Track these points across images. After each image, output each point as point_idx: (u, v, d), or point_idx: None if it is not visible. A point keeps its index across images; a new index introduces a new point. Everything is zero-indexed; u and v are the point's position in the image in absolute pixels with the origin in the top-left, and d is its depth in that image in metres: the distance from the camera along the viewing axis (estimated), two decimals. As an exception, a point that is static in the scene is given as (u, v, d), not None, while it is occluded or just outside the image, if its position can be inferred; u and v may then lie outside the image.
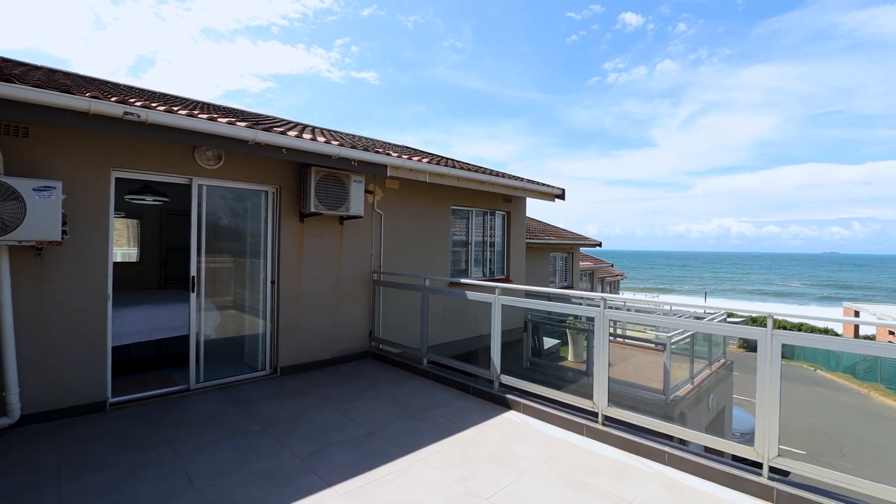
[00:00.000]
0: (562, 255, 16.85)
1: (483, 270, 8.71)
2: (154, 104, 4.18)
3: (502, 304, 4.78)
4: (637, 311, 11.33)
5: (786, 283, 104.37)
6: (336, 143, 5.46)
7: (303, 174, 5.60)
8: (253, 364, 5.58)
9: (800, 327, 28.76)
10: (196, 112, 4.54)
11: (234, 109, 8.00)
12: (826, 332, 29.75)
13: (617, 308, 9.30)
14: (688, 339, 7.36)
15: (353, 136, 9.22)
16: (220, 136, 4.39)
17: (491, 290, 4.88)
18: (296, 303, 5.70)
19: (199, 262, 5.03)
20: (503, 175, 8.13)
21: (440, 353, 6.52)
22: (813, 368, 24.65)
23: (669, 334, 6.79)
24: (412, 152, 8.35)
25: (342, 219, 6.14)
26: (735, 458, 3.48)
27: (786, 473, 3.25)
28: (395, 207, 6.93)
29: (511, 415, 4.43)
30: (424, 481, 3.19)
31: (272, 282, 5.60)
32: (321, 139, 5.33)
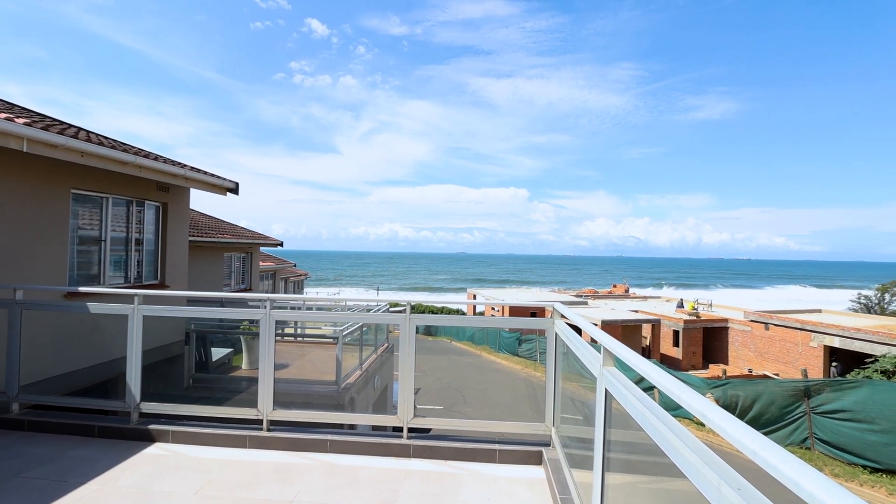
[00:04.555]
0: (239, 255, 15.62)
1: (126, 275, 6.90)
2: None
3: (145, 316, 3.87)
4: (318, 309, 11.68)
5: (435, 276, 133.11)
6: None
7: None
8: None
9: (441, 310, 36.88)
10: None
11: None
12: (458, 312, 39.37)
13: (293, 308, 9.29)
14: (357, 332, 8.07)
15: None
16: None
17: (129, 298, 3.88)
18: None
19: None
20: (157, 157, 6.72)
21: (52, 390, 4.81)
22: (449, 340, 32.15)
23: (341, 328, 7.26)
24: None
25: None
26: (395, 428, 3.95)
27: (427, 430, 3.94)
28: (-43, 185, 4.59)
29: (155, 448, 3.63)
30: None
31: None
32: None
